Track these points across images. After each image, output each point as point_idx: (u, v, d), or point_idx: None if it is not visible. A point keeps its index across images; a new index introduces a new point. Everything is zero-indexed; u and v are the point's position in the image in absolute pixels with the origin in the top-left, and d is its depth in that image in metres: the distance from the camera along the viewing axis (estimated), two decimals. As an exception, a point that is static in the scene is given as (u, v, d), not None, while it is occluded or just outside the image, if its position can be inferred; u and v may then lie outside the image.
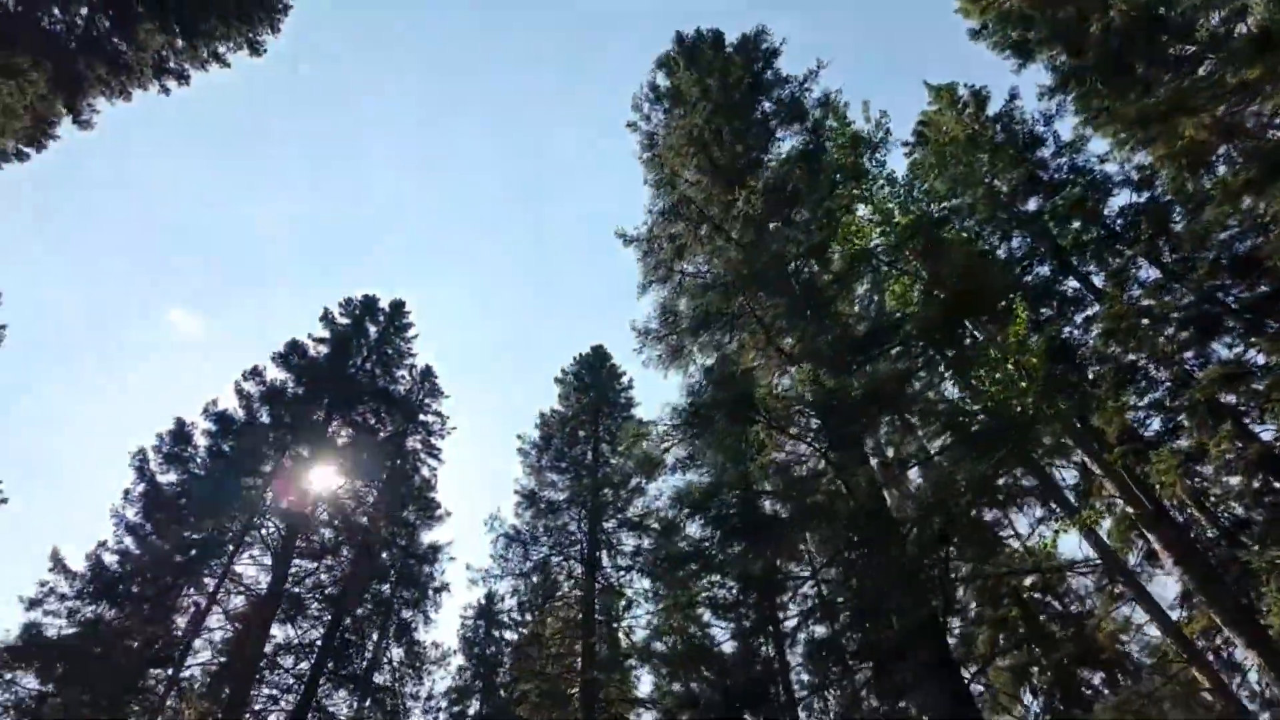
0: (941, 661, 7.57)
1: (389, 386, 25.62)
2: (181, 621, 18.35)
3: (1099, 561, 12.25)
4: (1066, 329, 16.67)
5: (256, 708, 18.28)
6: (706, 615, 19.01)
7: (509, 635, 27.25)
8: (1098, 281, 17.44)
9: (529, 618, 24.20)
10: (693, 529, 16.15)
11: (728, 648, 16.90)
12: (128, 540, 18.31)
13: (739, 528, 13.66)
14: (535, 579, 21.76)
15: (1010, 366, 11.85)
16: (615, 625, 21.33)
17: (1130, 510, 11.21)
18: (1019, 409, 9.82)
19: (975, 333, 15.53)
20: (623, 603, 21.25)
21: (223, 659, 18.40)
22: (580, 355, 29.09)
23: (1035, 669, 16.22)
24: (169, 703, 17.26)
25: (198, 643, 18.10)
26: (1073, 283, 17.96)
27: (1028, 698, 16.20)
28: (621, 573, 21.84)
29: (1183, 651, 10.98)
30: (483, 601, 29.23)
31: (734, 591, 15.31)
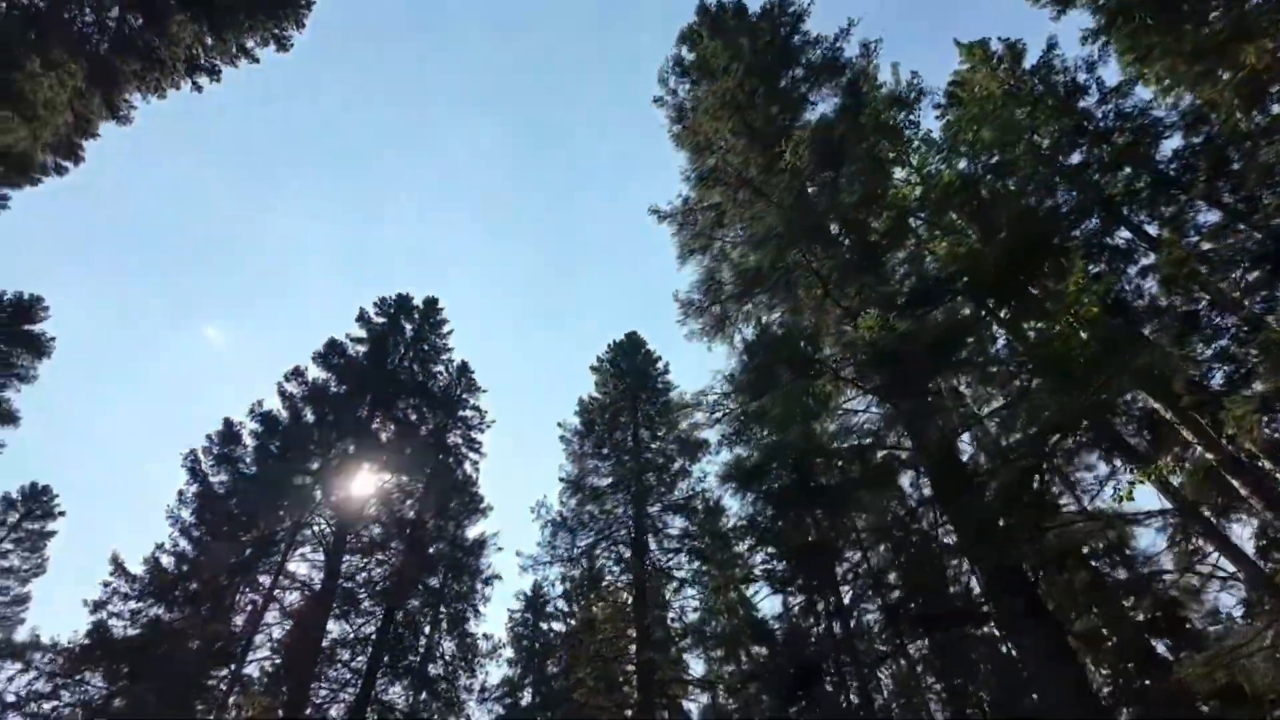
0: (1033, 613, 7.21)
1: (428, 382, 25.70)
2: (239, 620, 18.59)
3: (1175, 513, 11.75)
4: (1120, 283, 16.05)
5: (317, 701, 18.43)
6: (758, 593, 18.77)
7: (557, 626, 27.30)
8: (1151, 231, 16.79)
9: (576, 608, 24.17)
10: (742, 505, 15.89)
11: (777, 627, 16.68)
12: (183, 542, 18.59)
13: (795, 497, 13.39)
14: (584, 564, 21.68)
15: (1069, 318, 11.47)
16: (665, 608, 21.17)
17: (1210, 456, 10.70)
18: (1083, 358, 9.43)
19: (1030, 287, 15.04)
20: (672, 585, 21.07)
21: (282, 655, 18.60)
22: (615, 342, 28.92)
23: (1102, 634, 15.74)
24: (232, 699, 17.48)
25: (257, 639, 18.29)
26: (1124, 234, 17.30)
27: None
28: (669, 555, 21.66)
29: (1275, 603, 10.45)
30: (529, 595, 29.30)
31: (789, 565, 15.05)
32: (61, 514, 29.41)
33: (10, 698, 14.41)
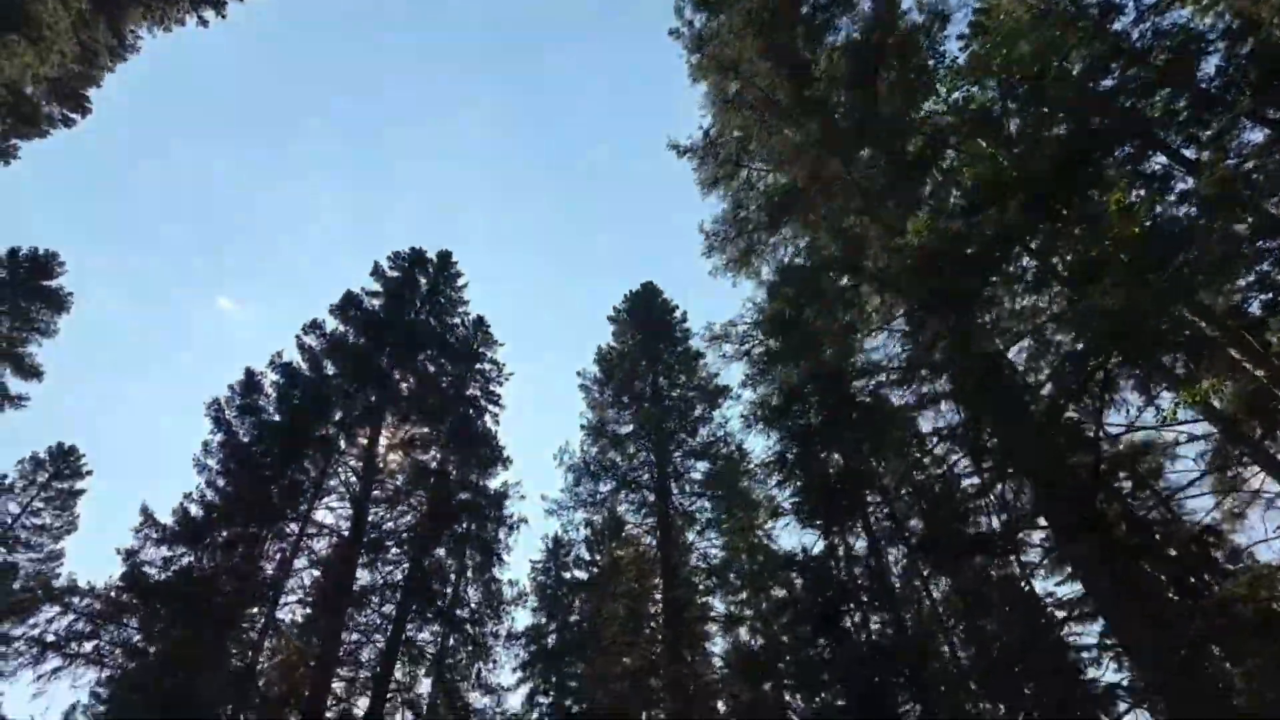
0: (1092, 526, 7.03)
1: (445, 335, 25.60)
2: (269, 568, 18.80)
3: (1216, 435, 11.52)
4: (1158, 206, 15.55)
5: (349, 645, 18.70)
6: (785, 528, 18.72)
7: (580, 574, 27.62)
8: (1190, 154, 16.20)
9: (598, 556, 24.37)
10: (768, 442, 15.76)
11: (805, 561, 16.68)
12: (210, 493, 18.69)
13: (824, 430, 13.22)
14: (607, 509, 21.79)
15: (1109, 240, 11.19)
16: (689, 551, 21.28)
17: (1260, 373, 10.40)
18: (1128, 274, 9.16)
19: (1062, 215, 14.62)
20: (696, 528, 21.16)
21: (313, 601, 18.90)
22: (631, 292, 28.69)
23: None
24: (266, 643, 17.78)
25: (289, 583, 18.56)
26: (1160, 159, 16.72)
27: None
28: (692, 499, 21.73)
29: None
30: (551, 545, 29.62)
31: (817, 498, 14.97)
32: (89, 473, 29.84)
33: (50, 638, 14.72)
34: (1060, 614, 16.22)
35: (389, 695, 18.16)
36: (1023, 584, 18.44)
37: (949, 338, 8.00)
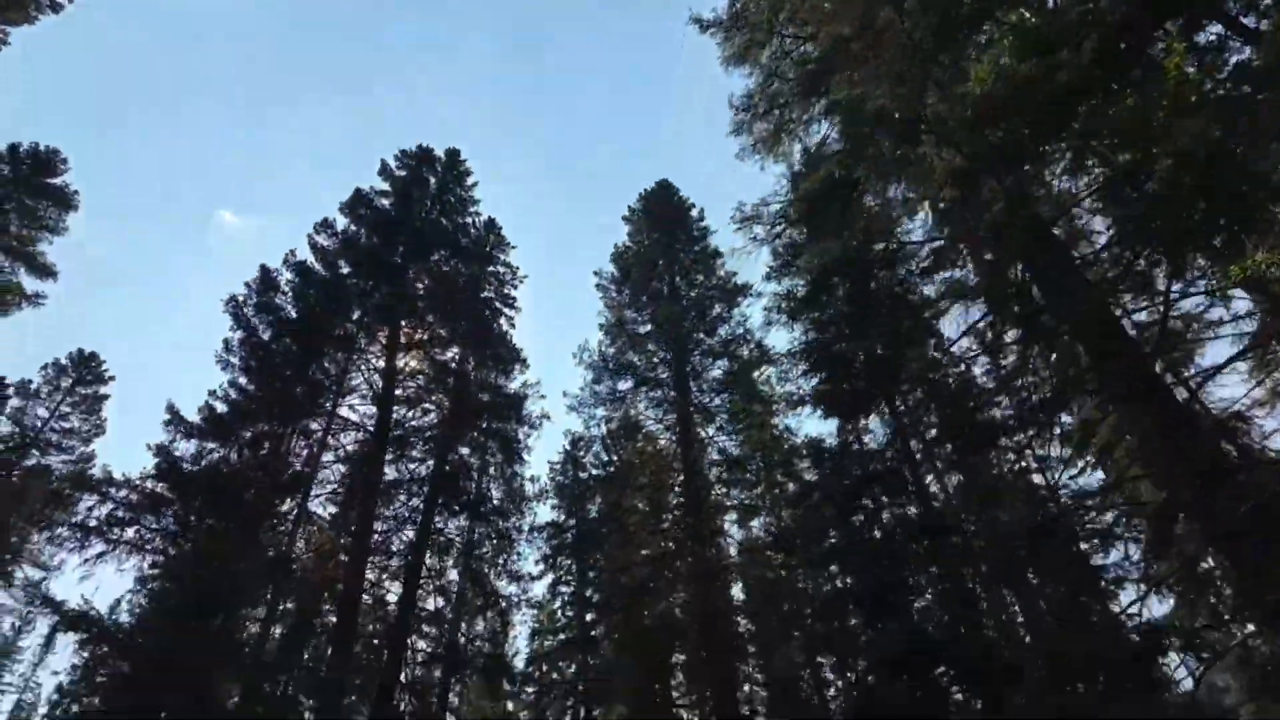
0: (1148, 386, 6.91)
1: (457, 234, 25.12)
2: (298, 463, 19.13)
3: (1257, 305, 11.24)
4: (1216, 75, 14.71)
5: (377, 538, 19.23)
6: (808, 417, 18.68)
7: (597, 473, 28.21)
8: (1249, 23, 15.18)
9: (616, 457, 24.74)
10: (791, 336, 15.53)
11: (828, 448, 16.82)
12: (233, 392, 18.79)
13: (853, 316, 12.99)
14: (626, 404, 21.98)
15: (1164, 108, 10.56)
16: (707, 447, 21.55)
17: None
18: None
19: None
20: (714, 424, 21.35)
21: (342, 495, 19.38)
22: (646, 191, 27.88)
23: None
24: (299, 533, 18.33)
25: (321, 474, 18.99)
26: (1215, 29, 15.71)
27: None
28: (710, 396, 21.83)
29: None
30: (569, 447, 30.12)
31: (841, 387, 14.91)
32: (111, 379, 30.13)
33: (92, 523, 15.18)
34: (1070, 503, 16.43)
35: (420, 582, 18.85)
36: (1037, 476, 18.67)
37: (1003, 199, 7.64)
